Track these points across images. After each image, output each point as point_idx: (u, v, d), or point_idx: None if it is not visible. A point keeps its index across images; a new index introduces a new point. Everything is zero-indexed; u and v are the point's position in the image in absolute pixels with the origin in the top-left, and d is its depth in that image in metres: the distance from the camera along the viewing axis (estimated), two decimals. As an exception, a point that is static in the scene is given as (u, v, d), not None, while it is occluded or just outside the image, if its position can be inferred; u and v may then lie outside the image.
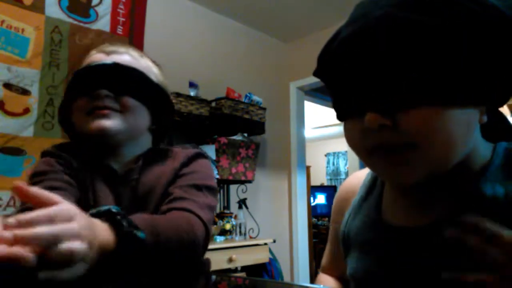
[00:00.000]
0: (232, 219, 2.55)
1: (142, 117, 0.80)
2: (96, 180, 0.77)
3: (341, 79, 0.49)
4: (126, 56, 0.79)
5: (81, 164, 0.77)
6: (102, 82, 0.74)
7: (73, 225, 0.40)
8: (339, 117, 0.53)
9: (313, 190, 5.20)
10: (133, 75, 0.76)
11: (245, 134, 2.74)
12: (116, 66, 0.75)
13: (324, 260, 0.77)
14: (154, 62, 0.86)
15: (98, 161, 0.79)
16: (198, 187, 0.76)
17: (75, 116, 0.78)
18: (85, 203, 0.75)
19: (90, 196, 0.76)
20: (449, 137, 0.44)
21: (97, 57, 0.79)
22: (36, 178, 0.73)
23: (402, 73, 0.44)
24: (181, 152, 0.83)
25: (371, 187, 0.64)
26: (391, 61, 0.44)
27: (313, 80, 3.06)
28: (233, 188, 2.80)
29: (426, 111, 0.43)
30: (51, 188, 0.68)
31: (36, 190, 0.40)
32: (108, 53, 0.79)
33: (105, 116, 0.74)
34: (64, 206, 0.41)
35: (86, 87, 0.75)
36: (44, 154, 0.79)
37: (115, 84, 0.75)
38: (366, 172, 0.68)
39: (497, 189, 0.47)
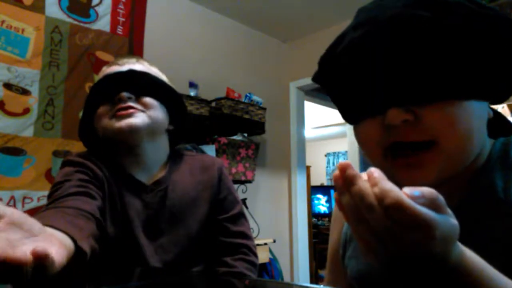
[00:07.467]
0: (232, 219, 2.54)
1: (162, 115, 0.85)
2: (123, 190, 0.81)
3: (353, 81, 0.49)
4: (138, 65, 0.86)
5: (106, 174, 0.81)
6: (121, 87, 0.80)
7: None
8: (351, 120, 0.53)
9: (313, 191, 5.18)
10: (147, 78, 0.83)
11: (245, 134, 2.74)
12: (132, 72, 0.82)
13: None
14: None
15: (122, 171, 0.83)
16: (242, 215, 0.92)
17: (98, 123, 0.83)
18: (113, 212, 0.79)
19: (118, 206, 0.80)
20: (469, 131, 0.45)
21: (112, 69, 0.85)
22: (56, 186, 0.75)
23: (421, 69, 0.44)
24: (210, 162, 0.92)
25: None
26: (410, 58, 0.44)
27: (313, 80, 3.05)
28: (233, 188, 2.80)
29: (447, 104, 0.44)
30: (71, 194, 0.71)
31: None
32: (121, 64, 0.85)
33: (130, 115, 0.79)
34: None
35: (107, 95, 0.81)
36: (65, 163, 0.82)
37: (133, 87, 0.81)
38: None
39: (496, 181, 0.48)
